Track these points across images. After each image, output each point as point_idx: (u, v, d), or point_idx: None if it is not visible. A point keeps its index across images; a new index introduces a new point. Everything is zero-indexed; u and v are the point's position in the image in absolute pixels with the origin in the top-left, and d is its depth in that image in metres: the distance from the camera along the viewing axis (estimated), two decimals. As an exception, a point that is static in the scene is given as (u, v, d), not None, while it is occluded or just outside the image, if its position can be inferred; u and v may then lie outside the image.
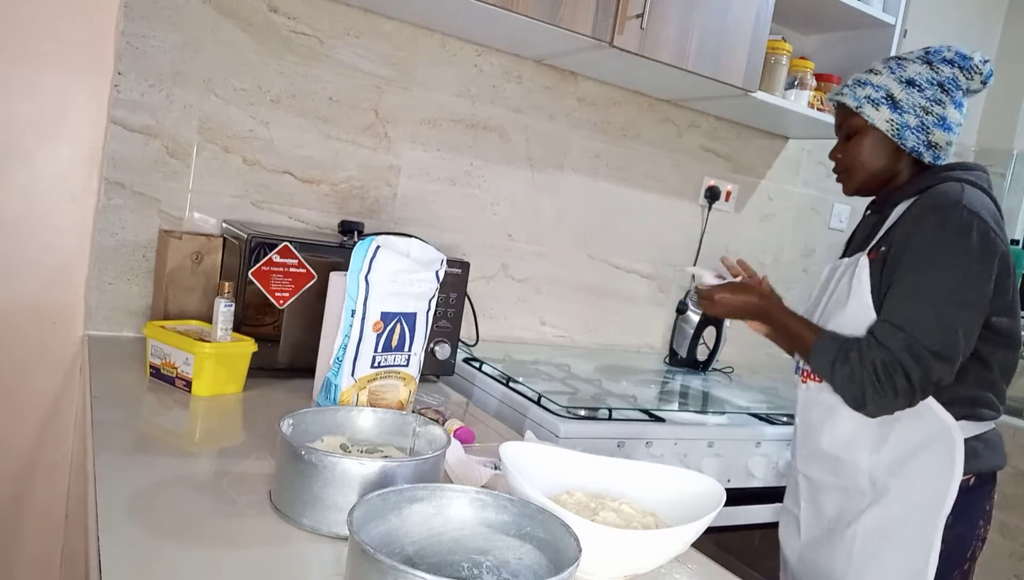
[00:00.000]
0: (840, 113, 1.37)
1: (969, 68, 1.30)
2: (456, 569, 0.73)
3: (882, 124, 1.29)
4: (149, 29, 1.48)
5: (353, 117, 1.72)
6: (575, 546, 0.67)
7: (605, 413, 1.53)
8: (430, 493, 0.75)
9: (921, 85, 1.29)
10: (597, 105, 2.06)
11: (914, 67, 1.30)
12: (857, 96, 1.32)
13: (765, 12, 1.80)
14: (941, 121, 1.29)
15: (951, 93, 1.29)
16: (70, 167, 1.48)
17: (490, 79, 1.88)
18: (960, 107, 1.31)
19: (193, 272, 1.50)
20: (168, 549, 0.75)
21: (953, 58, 1.29)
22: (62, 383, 1.52)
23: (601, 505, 0.91)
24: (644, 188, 2.19)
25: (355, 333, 1.13)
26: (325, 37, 1.65)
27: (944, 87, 1.29)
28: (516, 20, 1.53)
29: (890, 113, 1.29)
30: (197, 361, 1.21)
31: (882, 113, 1.29)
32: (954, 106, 1.29)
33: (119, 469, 0.91)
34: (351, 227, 1.58)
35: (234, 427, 1.19)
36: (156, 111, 1.51)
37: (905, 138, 1.29)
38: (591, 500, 0.92)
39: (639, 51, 1.65)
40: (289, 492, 0.85)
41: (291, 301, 1.39)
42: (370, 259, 1.13)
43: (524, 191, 1.99)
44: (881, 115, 1.29)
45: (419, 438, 0.99)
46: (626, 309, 2.23)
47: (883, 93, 1.30)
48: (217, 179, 1.59)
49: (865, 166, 1.34)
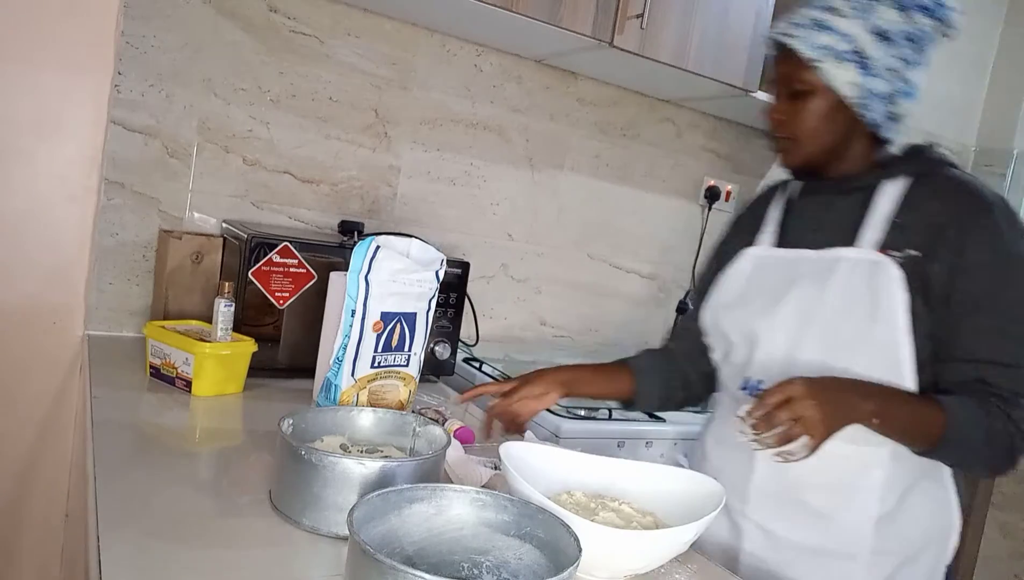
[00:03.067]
0: (784, 60, 1.05)
1: (946, 19, 1.03)
2: (456, 569, 0.73)
3: (846, 88, 1.01)
4: (149, 29, 1.48)
5: (353, 117, 1.72)
6: (575, 546, 0.67)
7: (605, 413, 1.53)
8: (430, 493, 0.75)
9: (893, 38, 1.00)
10: (597, 105, 2.05)
11: (886, 13, 1.01)
12: (815, 44, 1.01)
13: (765, 12, 1.79)
14: (908, 87, 1.04)
15: (923, 51, 1.04)
16: (70, 167, 1.48)
17: (490, 79, 1.88)
18: (928, 67, 1.05)
19: (193, 272, 1.50)
20: (168, 549, 0.75)
21: (930, 5, 1.02)
22: (62, 383, 1.52)
23: (601, 505, 0.91)
24: (644, 188, 2.19)
25: (355, 333, 1.13)
26: (325, 37, 1.65)
27: (916, 42, 1.02)
28: (516, 20, 1.53)
29: (856, 74, 1.00)
30: (197, 361, 1.21)
31: (847, 73, 1.00)
32: (924, 67, 1.04)
33: (119, 469, 0.91)
34: (351, 227, 1.58)
35: (234, 427, 1.19)
36: (156, 111, 1.51)
37: (870, 109, 1.02)
38: (591, 500, 0.92)
39: (639, 51, 1.65)
40: (289, 492, 0.85)
41: (291, 301, 1.39)
42: (370, 259, 1.13)
43: (524, 191, 1.99)
44: (846, 76, 1.00)
45: (419, 438, 0.99)
46: (626, 309, 2.23)
47: (850, 46, 0.99)
48: (217, 179, 1.59)
49: (818, 136, 1.05)
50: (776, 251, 1.15)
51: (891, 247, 1.01)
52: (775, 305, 1.08)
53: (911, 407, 0.97)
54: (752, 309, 1.12)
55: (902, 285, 0.99)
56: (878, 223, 1.04)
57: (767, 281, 1.13)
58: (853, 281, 1.02)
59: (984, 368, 0.97)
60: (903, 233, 1.01)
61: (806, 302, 1.05)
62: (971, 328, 0.98)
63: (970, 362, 0.98)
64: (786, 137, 1.08)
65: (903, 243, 1.01)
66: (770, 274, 1.13)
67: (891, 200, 1.04)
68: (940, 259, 0.98)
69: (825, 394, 0.90)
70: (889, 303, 0.99)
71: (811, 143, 1.06)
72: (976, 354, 0.98)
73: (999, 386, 0.96)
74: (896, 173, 1.06)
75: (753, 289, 1.14)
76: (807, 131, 1.05)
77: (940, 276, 0.98)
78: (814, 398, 0.89)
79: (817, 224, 1.11)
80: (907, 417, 0.96)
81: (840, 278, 1.03)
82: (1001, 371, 0.96)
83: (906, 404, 0.97)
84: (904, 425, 0.97)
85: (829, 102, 1.03)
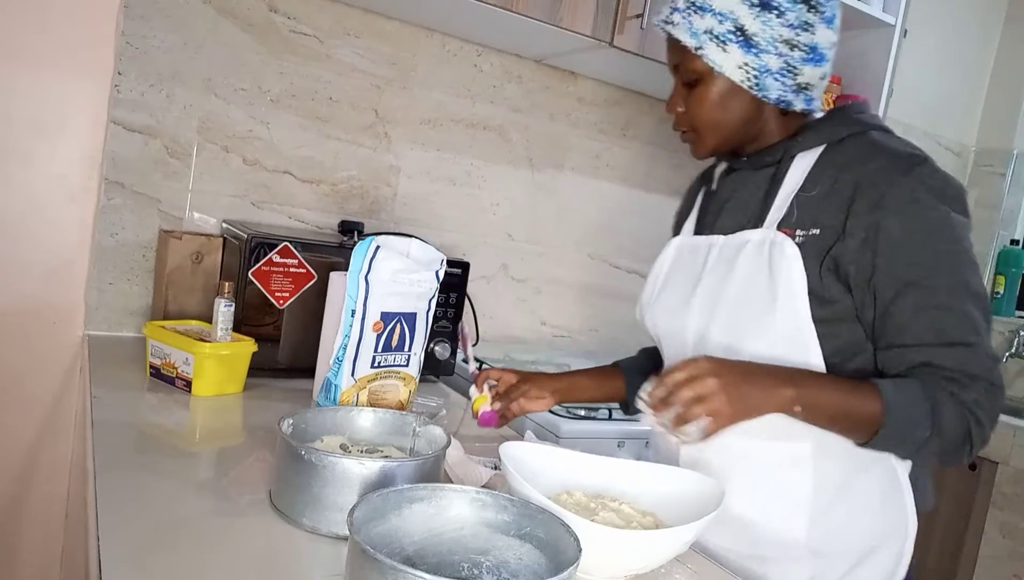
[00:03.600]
0: (672, 48, 1.00)
1: None
2: (456, 569, 0.73)
3: (734, 73, 0.94)
4: (149, 29, 1.48)
5: (353, 117, 1.72)
6: (575, 546, 0.67)
7: (605, 413, 1.53)
8: (430, 493, 0.75)
9: (776, 4, 0.92)
10: (597, 105, 2.06)
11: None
12: (695, 29, 0.94)
13: (765, 12, 1.79)
14: (811, 52, 0.94)
15: (819, 7, 0.94)
16: (70, 167, 1.48)
17: (490, 79, 1.88)
18: (832, 22, 0.96)
19: (193, 272, 1.50)
20: (168, 549, 0.75)
21: None
22: (62, 383, 1.52)
23: (601, 505, 0.91)
24: (644, 188, 2.19)
25: (355, 333, 1.13)
26: (325, 37, 1.65)
27: (806, 1, 0.93)
28: (516, 20, 1.53)
29: (742, 55, 0.93)
30: (197, 361, 1.21)
31: (732, 56, 0.93)
32: (825, 24, 0.95)
33: (119, 469, 0.91)
34: (351, 227, 1.58)
35: (234, 427, 1.19)
36: (156, 111, 1.51)
37: (767, 88, 0.95)
38: (591, 500, 0.92)
39: (639, 51, 1.65)
40: (289, 492, 0.85)
41: (291, 301, 1.39)
42: (370, 259, 1.13)
43: (524, 191, 1.99)
44: (731, 59, 0.94)
45: (419, 438, 0.99)
46: (626, 309, 2.22)
47: (730, 25, 0.92)
48: (217, 179, 1.59)
49: (719, 125, 0.99)
50: (693, 239, 1.10)
51: (796, 225, 0.94)
52: (689, 296, 1.03)
53: (841, 394, 0.87)
54: (669, 302, 1.08)
55: (799, 265, 0.91)
56: (783, 200, 0.96)
57: (683, 271, 1.08)
58: (756, 264, 0.95)
59: (928, 351, 0.87)
60: (808, 209, 0.93)
61: (713, 290, 1.00)
62: (904, 308, 0.88)
63: (912, 347, 0.88)
64: (688, 130, 1.02)
65: (808, 220, 0.93)
66: (686, 263, 1.08)
67: (800, 172, 0.96)
68: (851, 234, 0.89)
69: (734, 376, 0.83)
70: (788, 287, 0.91)
71: (713, 133, 1.00)
72: (916, 337, 0.88)
73: (947, 368, 0.86)
74: (809, 143, 0.97)
75: (671, 281, 1.10)
76: (706, 122, 0.99)
77: (853, 253, 0.89)
78: (719, 378, 0.82)
79: (732, 205, 1.05)
80: (836, 404, 0.87)
81: (743, 262, 0.97)
82: (947, 351, 0.87)
83: (835, 391, 0.88)
84: (833, 413, 0.88)
85: (722, 87, 0.96)
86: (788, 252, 0.92)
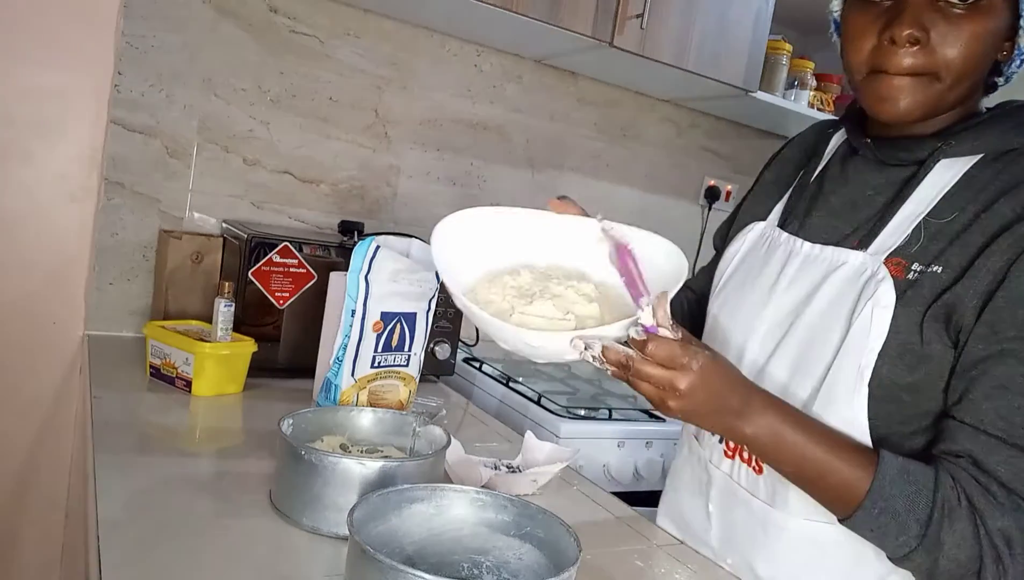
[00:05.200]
0: None
1: None
2: (456, 569, 0.73)
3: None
4: (149, 29, 1.48)
5: (353, 117, 1.72)
6: (575, 546, 0.67)
7: (605, 413, 1.53)
8: (430, 493, 0.75)
9: None
10: (597, 105, 2.05)
11: None
12: None
13: (765, 12, 1.80)
14: None
15: None
16: (70, 167, 1.48)
17: (490, 79, 1.88)
18: None
19: (193, 272, 1.50)
20: (168, 549, 0.75)
21: None
22: (62, 383, 1.52)
23: (544, 289, 0.78)
24: (644, 188, 2.19)
25: (355, 333, 1.13)
26: (325, 37, 1.65)
27: None
28: (516, 20, 1.53)
29: None
30: (197, 361, 1.21)
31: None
32: None
33: (119, 469, 0.91)
34: (351, 227, 1.58)
35: (234, 427, 1.19)
36: (156, 111, 1.51)
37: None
38: (536, 282, 0.79)
39: (639, 51, 1.65)
40: (289, 492, 0.85)
41: (291, 301, 1.39)
42: (370, 259, 1.13)
43: (524, 191, 1.99)
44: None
45: (419, 438, 0.99)
46: (626, 309, 2.23)
47: None
48: (217, 179, 1.59)
49: (973, 75, 0.73)
50: (775, 232, 0.90)
51: (915, 258, 0.74)
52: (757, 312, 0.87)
53: (820, 451, 0.71)
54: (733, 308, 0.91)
55: (887, 312, 0.73)
56: (906, 220, 0.76)
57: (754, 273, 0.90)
58: (842, 301, 0.77)
59: (983, 444, 0.69)
60: (938, 240, 0.73)
61: (785, 315, 0.83)
62: (983, 378, 0.69)
63: (967, 428, 0.70)
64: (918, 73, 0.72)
65: (932, 254, 0.73)
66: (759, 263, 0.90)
67: (937, 188, 0.75)
68: (975, 279, 0.69)
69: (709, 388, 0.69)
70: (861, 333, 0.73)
71: (960, 86, 0.72)
72: (978, 418, 0.69)
73: (993, 477, 0.68)
74: (963, 149, 0.75)
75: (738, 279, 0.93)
76: (965, 67, 0.71)
77: (966, 306, 0.70)
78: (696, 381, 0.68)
79: (838, 203, 0.85)
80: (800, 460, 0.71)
81: (828, 291, 0.79)
82: (1004, 454, 0.68)
83: (815, 445, 0.71)
84: (795, 470, 0.73)
85: (1000, 24, 0.71)
86: (883, 301, 0.73)
